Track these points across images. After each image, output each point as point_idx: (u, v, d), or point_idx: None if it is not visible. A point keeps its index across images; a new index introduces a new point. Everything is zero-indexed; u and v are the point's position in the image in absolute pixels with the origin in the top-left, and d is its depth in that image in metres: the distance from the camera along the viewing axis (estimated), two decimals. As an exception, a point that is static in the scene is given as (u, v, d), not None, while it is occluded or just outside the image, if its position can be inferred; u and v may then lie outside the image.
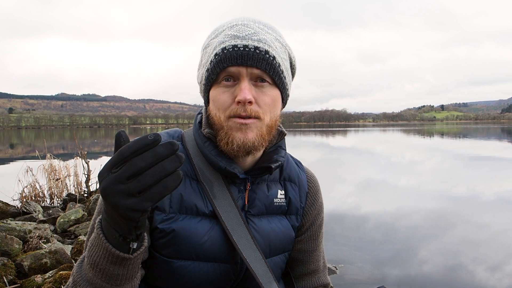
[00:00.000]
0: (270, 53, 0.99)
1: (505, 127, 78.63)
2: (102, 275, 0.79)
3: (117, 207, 0.69)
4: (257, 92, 0.99)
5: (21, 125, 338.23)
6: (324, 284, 1.27)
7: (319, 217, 1.27)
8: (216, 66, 0.98)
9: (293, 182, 1.21)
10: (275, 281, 1.08)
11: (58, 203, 6.89)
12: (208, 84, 1.03)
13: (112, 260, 0.78)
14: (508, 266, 4.49)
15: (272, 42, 1.01)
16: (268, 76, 1.00)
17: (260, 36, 0.99)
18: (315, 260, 1.25)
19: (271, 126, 1.04)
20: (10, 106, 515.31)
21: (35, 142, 33.94)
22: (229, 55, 0.96)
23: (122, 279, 0.82)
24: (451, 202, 7.90)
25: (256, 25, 1.02)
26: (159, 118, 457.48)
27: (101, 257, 0.78)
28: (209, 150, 1.05)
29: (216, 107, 1.02)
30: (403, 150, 22.46)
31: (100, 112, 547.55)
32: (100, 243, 0.78)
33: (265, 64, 0.98)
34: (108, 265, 0.78)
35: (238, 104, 0.97)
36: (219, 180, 1.06)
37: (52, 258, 3.37)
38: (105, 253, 0.77)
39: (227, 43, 0.98)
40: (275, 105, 1.04)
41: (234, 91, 0.99)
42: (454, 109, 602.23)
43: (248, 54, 0.96)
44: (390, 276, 4.18)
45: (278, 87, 1.04)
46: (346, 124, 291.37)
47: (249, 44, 0.97)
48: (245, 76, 0.98)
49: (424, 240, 5.44)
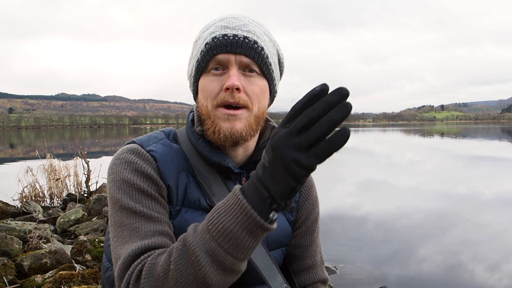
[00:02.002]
0: (259, 43, 1.01)
1: (505, 127, 78.61)
2: (231, 245, 0.75)
3: (285, 160, 0.67)
4: (245, 81, 1.00)
5: (21, 125, 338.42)
6: (321, 279, 1.26)
7: (314, 212, 1.27)
8: (206, 54, 1.00)
9: None
10: (280, 274, 1.09)
11: (58, 203, 6.89)
12: (197, 74, 1.05)
13: (249, 227, 0.73)
14: (508, 265, 4.50)
15: (261, 35, 1.04)
16: (256, 66, 1.01)
17: (249, 28, 1.02)
18: (311, 255, 1.25)
19: (259, 116, 1.05)
20: (10, 106, 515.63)
21: (35, 142, 33.94)
22: (218, 43, 0.99)
23: (247, 253, 0.77)
24: (451, 202, 7.91)
25: (246, 19, 1.05)
26: (159, 118, 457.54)
27: (236, 224, 0.74)
28: (202, 146, 1.06)
29: (204, 96, 1.03)
30: (403, 150, 22.46)
31: (100, 112, 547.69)
32: (239, 208, 0.74)
33: (254, 53, 0.99)
34: (243, 234, 0.74)
35: (226, 91, 0.98)
36: (216, 177, 1.07)
37: (52, 258, 3.37)
38: (243, 218, 0.73)
39: (217, 33, 1.00)
40: (263, 95, 1.05)
41: (222, 79, 1.00)
42: (454, 109, 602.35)
43: (238, 42, 0.98)
44: (390, 276, 4.18)
45: (266, 78, 1.05)
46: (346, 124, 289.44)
47: (239, 33, 0.99)
48: (233, 64, 0.99)
49: (424, 239, 5.44)
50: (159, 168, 1.02)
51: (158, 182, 1.00)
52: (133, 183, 0.97)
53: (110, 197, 1.00)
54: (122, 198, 0.96)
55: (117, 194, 0.97)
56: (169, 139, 1.11)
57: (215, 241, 0.75)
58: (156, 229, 0.94)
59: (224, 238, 0.75)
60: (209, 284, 0.77)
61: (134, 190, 0.97)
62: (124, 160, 1.01)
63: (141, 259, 0.86)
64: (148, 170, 1.00)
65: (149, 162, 1.01)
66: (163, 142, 1.08)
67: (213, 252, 0.76)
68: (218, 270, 0.77)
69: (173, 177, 1.03)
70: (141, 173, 0.99)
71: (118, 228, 0.95)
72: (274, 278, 1.07)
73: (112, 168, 1.02)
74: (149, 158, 1.02)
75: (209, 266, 0.76)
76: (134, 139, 1.09)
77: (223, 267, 0.77)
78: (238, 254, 0.76)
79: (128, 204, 0.95)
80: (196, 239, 0.78)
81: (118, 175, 0.99)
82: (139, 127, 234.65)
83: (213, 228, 0.76)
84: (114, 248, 0.93)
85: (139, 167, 0.99)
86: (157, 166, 1.02)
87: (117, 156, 1.03)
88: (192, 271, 0.77)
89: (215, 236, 0.75)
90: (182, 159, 1.07)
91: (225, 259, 0.76)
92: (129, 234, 0.92)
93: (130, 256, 0.87)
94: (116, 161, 1.02)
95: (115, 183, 0.99)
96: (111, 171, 1.02)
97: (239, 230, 0.74)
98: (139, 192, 0.97)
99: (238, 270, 0.79)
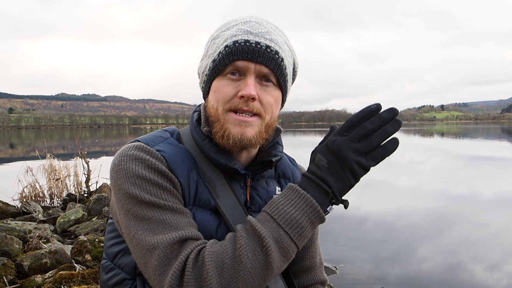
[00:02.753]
0: (280, 54, 0.99)
1: (505, 127, 78.59)
2: (296, 233, 0.85)
3: (348, 161, 0.84)
4: (261, 91, 0.99)
5: (21, 125, 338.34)
6: (321, 280, 1.26)
7: None
8: (225, 57, 0.97)
9: (287, 178, 1.22)
10: (280, 279, 1.09)
11: (58, 203, 6.90)
12: (212, 75, 1.02)
13: (312, 217, 0.86)
14: (507, 265, 4.50)
15: (282, 44, 1.02)
16: (274, 76, 1.00)
17: (272, 36, 0.99)
18: (310, 256, 1.25)
19: (269, 125, 1.04)
20: (10, 106, 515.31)
21: (35, 142, 33.94)
22: (240, 49, 0.96)
23: (304, 242, 0.88)
24: (451, 202, 7.91)
25: (269, 25, 1.02)
26: (159, 118, 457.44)
27: (302, 215, 0.85)
28: (208, 147, 1.04)
29: (216, 98, 1.01)
30: (403, 150, 22.45)
31: (100, 112, 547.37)
32: (303, 201, 0.86)
33: (274, 64, 0.98)
34: (307, 223, 0.85)
35: (240, 98, 0.96)
36: (221, 179, 1.06)
37: (52, 258, 3.37)
38: (308, 209, 0.85)
39: (239, 37, 0.97)
40: (277, 105, 1.04)
41: (238, 85, 0.98)
42: (454, 109, 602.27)
43: (260, 51, 0.96)
44: (390, 276, 4.18)
45: (280, 89, 1.04)
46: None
47: (261, 41, 0.97)
48: (252, 72, 0.97)
49: (424, 239, 5.44)
50: (170, 167, 0.99)
51: (172, 178, 0.98)
52: (149, 179, 0.94)
53: (123, 193, 0.94)
54: (139, 193, 0.92)
55: (133, 190, 0.93)
56: (174, 138, 1.09)
57: (282, 229, 0.84)
58: (185, 221, 0.93)
59: (292, 227, 0.84)
60: (272, 268, 0.84)
61: (151, 185, 0.94)
62: (134, 156, 0.97)
63: (190, 248, 0.87)
64: (160, 167, 0.97)
65: (160, 160, 0.99)
66: (170, 141, 1.06)
67: (281, 239, 0.84)
68: (281, 256, 0.85)
69: (184, 176, 1.01)
70: (155, 169, 0.96)
71: (141, 222, 0.91)
72: (275, 283, 1.07)
73: (120, 164, 0.97)
74: (159, 156, 0.99)
75: (276, 252, 0.84)
76: (138, 138, 1.05)
77: (286, 253, 0.86)
78: (299, 242, 0.86)
79: (148, 198, 0.92)
80: (263, 227, 0.85)
81: (130, 171, 0.95)
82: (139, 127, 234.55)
83: (279, 218, 0.85)
84: (141, 241, 0.89)
85: (151, 164, 0.96)
86: (168, 165, 0.99)
87: (123, 153, 0.99)
88: (259, 256, 0.84)
89: (282, 225, 0.84)
90: (191, 159, 1.05)
91: (289, 246, 0.85)
92: (157, 226, 0.90)
93: (171, 245, 0.86)
94: (123, 157, 0.98)
95: (128, 179, 0.94)
96: (119, 167, 0.97)
97: (304, 220, 0.85)
98: (156, 187, 0.94)
99: (292, 257, 0.88)
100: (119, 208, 0.96)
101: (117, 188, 0.96)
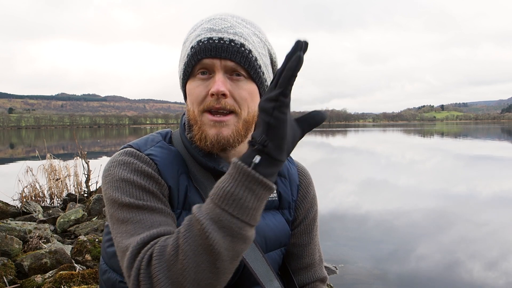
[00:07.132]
0: (246, 46, 0.98)
1: (505, 127, 78.62)
2: (235, 207, 0.75)
3: (260, 105, 0.76)
4: (232, 86, 0.98)
5: (21, 125, 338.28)
6: (320, 278, 1.26)
7: (312, 210, 1.26)
8: (192, 58, 0.98)
9: (283, 176, 1.21)
10: (276, 279, 1.08)
11: (58, 203, 6.89)
12: (184, 78, 1.03)
13: (247, 184, 0.75)
14: (506, 264, 4.50)
15: (249, 36, 1.00)
16: (243, 70, 0.98)
17: (236, 30, 0.99)
18: (310, 254, 1.24)
19: (248, 121, 1.02)
20: (10, 106, 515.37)
21: (35, 142, 33.95)
22: (203, 47, 0.96)
23: (253, 215, 0.77)
24: (451, 201, 7.91)
25: (234, 19, 1.01)
26: (159, 118, 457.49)
27: (236, 186, 0.75)
28: (196, 151, 1.03)
29: (191, 101, 1.01)
30: (403, 150, 22.46)
31: (100, 112, 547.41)
32: (235, 170, 0.76)
33: (240, 57, 0.97)
34: (244, 193, 0.75)
35: (212, 96, 0.96)
36: (211, 182, 1.05)
37: (52, 258, 3.37)
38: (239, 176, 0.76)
39: (202, 36, 0.97)
40: (252, 99, 1.02)
41: (208, 84, 0.98)
42: (454, 109, 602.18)
43: (223, 46, 0.96)
44: (390, 275, 4.18)
45: (254, 82, 1.02)
46: (346, 124, 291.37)
47: (224, 36, 0.96)
48: (219, 69, 0.96)
49: (424, 239, 5.45)
50: (160, 171, 0.99)
51: (159, 181, 0.98)
52: (132, 181, 0.94)
53: (106, 198, 0.96)
54: (120, 196, 0.93)
55: (115, 194, 0.93)
56: (166, 141, 1.09)
57: (219, 207, 0.76)
58: (161, 220, 0.91)
59: (228, 202, 0.75)
60: (218, 252, 0.75)
61: (134, 187, 0.94)
62: (122, 162, 0.98)
63: (150, 245, 0.83)
64: (147, 170, 0.97)
65: (148, 164, 0.99)
66: (161, 144, 1.06)
67: (218, 218, 0.75)
68: (226, 236, 0.76)
69: (174, 180, 1.00)
70: (141, 172, 0.96)
71: (121, 224, 0.91)
72: (271, 283, 1.06)
73: (109, 170, 0.98)
74: (149, 161, 0.99)
75: (216, 232, 0.75)
76: (130, 142, 1.06)
77: (231, 232, 0.76)
78: (243, 216, 0.76)
79: (128, 200, 0.92)
80: (200, 210, 0.78)
81: (114, 176, 0.96)
82: (139, 127, 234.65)
83: (215, 197, 0.77)
84: (120, 243, 0.89)
85: (138, 167, 0.97)
86: (157, 168, 0.99)
87: (113, 159, 1.01)
88: (200, 241, 0.76)
89: (217, 203, 0.76)
90: (181, 162, 1.05)
91: (231, 223, 0.75)
92: (134, 227, 0.89)
93: (139, 245, 0.83)
94: (113, 163, 0.99)
95: (112, 184, 0.95)
96: (107, 173, 0.98)
97: (240, 190, 0.75)
98: (139, 189, 0.94)
99: (247, 235, 0.78)
100: (106, 212, 0.99)
101: (104, 194, 0.99)
